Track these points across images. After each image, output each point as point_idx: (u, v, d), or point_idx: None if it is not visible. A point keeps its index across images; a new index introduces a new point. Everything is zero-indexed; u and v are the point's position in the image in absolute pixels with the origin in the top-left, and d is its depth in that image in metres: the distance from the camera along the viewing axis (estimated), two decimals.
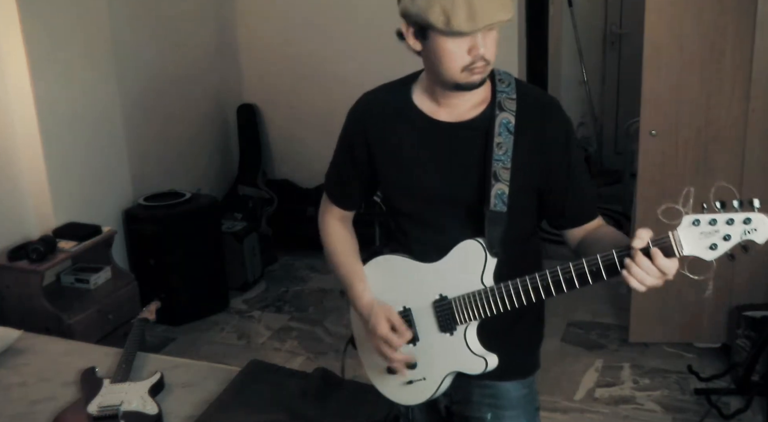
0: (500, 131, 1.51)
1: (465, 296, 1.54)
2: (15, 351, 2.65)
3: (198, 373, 2.47)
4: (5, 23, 3.29)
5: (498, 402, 1.68)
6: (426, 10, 1.39)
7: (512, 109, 1.53)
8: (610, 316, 3.81)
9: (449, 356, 1.59)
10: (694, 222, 1.30)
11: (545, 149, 1.54)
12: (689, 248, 1.31)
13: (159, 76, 4.29)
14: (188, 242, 3.94)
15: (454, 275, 1.56)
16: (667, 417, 3.04)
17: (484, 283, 1.53)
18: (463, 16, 1.37)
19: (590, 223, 1.62)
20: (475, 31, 1.39)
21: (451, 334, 1.57)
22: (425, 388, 1.64)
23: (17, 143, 3.45)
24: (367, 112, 1.67)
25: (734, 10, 3.05)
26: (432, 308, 1.59)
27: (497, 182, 1.51)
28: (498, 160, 1.51)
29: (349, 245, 1.80)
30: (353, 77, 4.67)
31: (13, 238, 3.43)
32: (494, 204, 1.51)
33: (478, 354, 1.56)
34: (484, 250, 1.53)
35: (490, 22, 1.39)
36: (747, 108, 3.15)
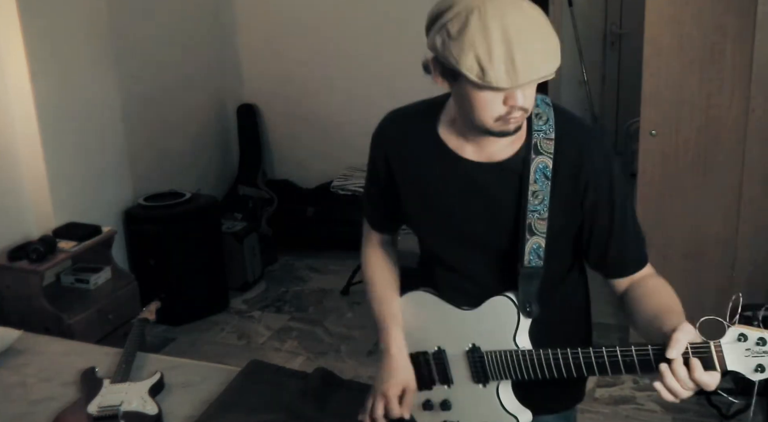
0: (536, 177, 1.36)
1: (498, 352, 1.44)
2: (15, 351, 2.65)
3: (198, 373, 2.47)
4: (5, 23, 3.29)
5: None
6: (459, 57, 1.22)
7: (550, 152, 1.36)
8: (610, 316, 3.81)
9: (481, 407, 1.51)
10: (741, 336, 1.17)
11: (586, 196, 1.39)
12: (733, 364, 1.18)
13: (159, 76, 4.29)
14: (188, 242, 3.94)
15: (488, 328, 1.46)
16: (667, 417, 3.04)
17: (517, 344, 1.42)
18: (501, 70, 1.19)
19: (636, 274, 1.46)
20: (515, 87, 1.22)
21: (484, 386, 1.49)
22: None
23: (17, 143, 3.45)
24: (390, 135, 1.53)
25: (734, 10, 3.05)
26: (465, 357, 1.49)
27: (533, 235, 1.37)
28: (534, 211, 1.36)
29: (388, 277, 1.64)
30: (353, 77, 4.69)
31: (13, 238, 3.43)
32: (529, 261, 1.38)
33: (510, 411, 1.48)
34: (516, 310, 1.42)
35: (534, 78, 1.22)
36: (747, 108, 3.15)
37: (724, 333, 1.18)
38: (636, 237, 1.46)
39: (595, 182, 1.38)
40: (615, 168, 1.41)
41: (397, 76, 4.45)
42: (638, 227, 1.47)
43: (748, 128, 3.18)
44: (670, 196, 3.31)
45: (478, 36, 1.19)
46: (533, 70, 1.20)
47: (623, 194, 1.42)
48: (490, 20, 1.19)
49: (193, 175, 4.59)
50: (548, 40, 1.22)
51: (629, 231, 1.44)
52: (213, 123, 4.87)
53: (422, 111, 1.50)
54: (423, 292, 1.58)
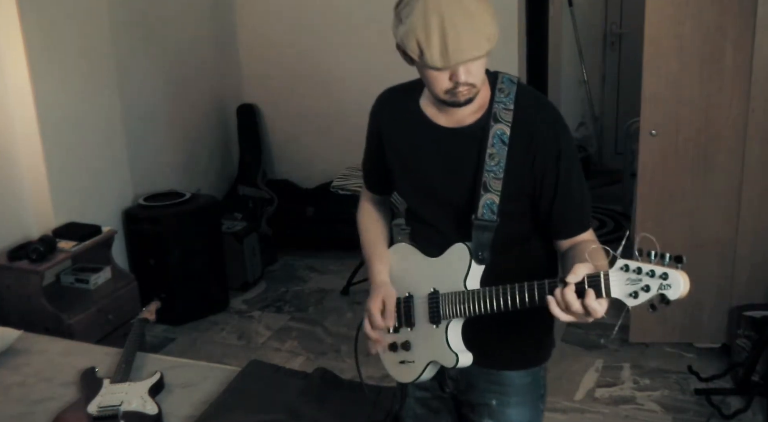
0: (494, 141, 1.55)
1: (450, 294, 1.60)
2: (15, 351, 2.65)
3: (198, 373, 2.47)
4: (5, 23, 3.29)
5: (502, 389, 1.74)
6: (404, 40, 1.45)
7: (508, 120, 1.55)
8: (610, 316, 3.80)
9: (432, 346, 1.66)
10: (623, 267, 1.32)
11: (536, 161, 1.55)
12: (616, 291, 1.33)
13: (159, 76, 4.29)
14: (188, 242, 3.94)
15: (445, 273, 1.63)
16: (667, 417, 3.04)
17: (466, 286, 1.58)
18: (436, 52, 1.41)
19: (576, 237, 1.62)
20: (447, 68, 1.43)
21: (437, 326, 1.64)
22: (412, 371, 1.72)
23: (17, 143, 3.45)
24: (381, 110, 1.76)
25: (734, 10, 3.05)
26: (426, 300, 1.66)
27: (487, 192, 1.55)
28: (489, 170, 1.55)
29: (377, 226, 1.87)
30: (353, 77, 4.69)
31: (13, 238, 3.44)
32: (482, 213, 1.55)
33: (453, 349, 1.62)
34: (469, 255, 1.58)
35: (462, 60, 1.42)
36: (747, 108, 3.15)
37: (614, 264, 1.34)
38: (580, 203, 1.62)
39: (543, 149, 1.55)
40: (564, 139, 1.58)
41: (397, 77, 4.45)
42: (584, 196, 1.63)
43: (748, 128, 3.18)
44: (670, 196, 3.31)
45: (420, 23, 1.42)
46: (462, 53, 1.41)
47: (570, 162, 1.58)
48: (430, 9, 1.40)
49: (193, 175, 4.59)
50: (479, 27, 1.41)
51: (573, 196, 1.60)
52: (213, 123, 4.87)
53: (410, 87, 1.71)
54: (405, 244, 1.78)
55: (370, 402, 2.22)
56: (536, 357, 1.78)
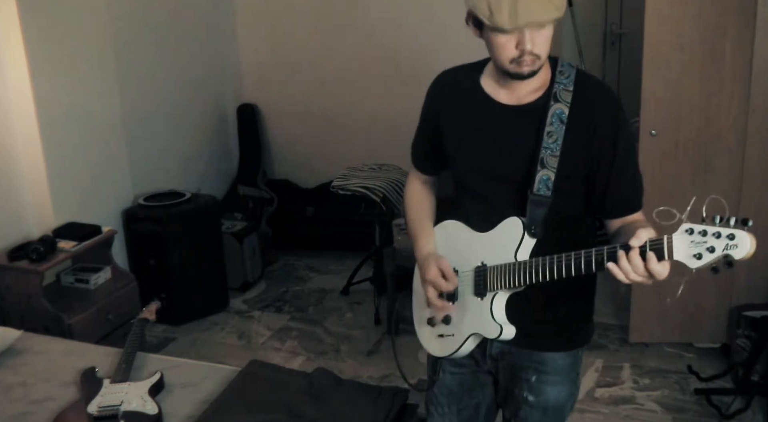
0: (552, 120, 1.60)
1: (498, 266, 1.64)
2: (15, 351, 2.65)
3: (198, 373, 2.47)
4: (5, 23, 3.29)
5: (543, 367, 1.79)
6: (475, 3, 1.50)
7: (567, 100, 1.60)
8: (610, 316, 3.81)
9: (475, 318, 1.70)
10: (688, 231, 1.35)
11: (594, 141, 1.60)
12: (678, 254, 1.36)
13: (159, 76, 4.29)
14: (188, 242, 3.94)
15: (496, 246, 1.67)
16: (667, 417, 3.04)
17: (516, 258, 1.62)
18: (505, 13, 1.46)
19: (628, 217, 1.66)
20: (515, 29, 1.48)
21: (482, 299, 1.68)
22: (451, 344, 1.76)
23: (17, 143, 3.45)
24: (439, 89, 1.80)
25: (734, 10, 3.05)
26: (473, 273, 1.71)
27: (543, 168, 1.60)
28: (547, 147, 1.60)
29: (424, 204, 1.93)
30: (353, 77, 4.69)
31: (13, 238, 3.44)
32: (538, 188, 1.60)
33: (497, 321, 1.66)
34: (523, 228, 1.62)
35: (530, 21, 1.47)
36: (747, 108, 3.15)
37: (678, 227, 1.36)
38: (633, 185, 1.68)
39: (602, 131, 1.61)
40: (623, 122, 1.64)
41: (397, 77, 4.46)
42: (638, 179, 1.69)
43: (748, 128, 3.18)
44: (670, 196, 3.30)
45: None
46: (531, 14, 1.46)
47: (627, 145, 1.64)
48: None
49: (193, 175, 4.59)
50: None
51: (628, 178, 1.66)
52: (213, 123, 4.87)
53: (470, 67, 1.77)
54: (450, 221, 1.83)
55: (370, 402, 2.22)
56: (579, 339, 1.84)
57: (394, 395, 2.23)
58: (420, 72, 1.64)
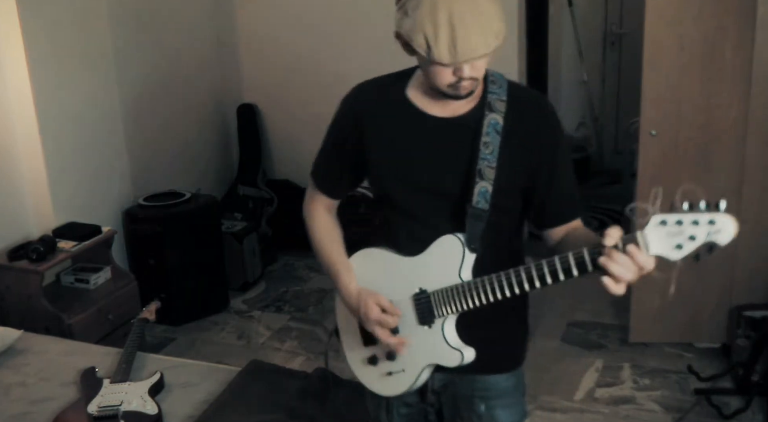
0: (488, 130, 1.54)
1: (443, 290, 1.56)
2: (15, 351, 2.66)
3: (198, 373, 2.47)
4: (5, 23, 3.29)
5: (488, 393, 1.72)
6: (410, 33, 1.42)
7: (501, 110, 1.55)
8: (610, 316, 3.81)
9: (428, 348, 1.61)
10: (662, 222, 1.31)
11: (532, 150, 1.56)
12: (656, 248, 1.31)
13: (159, 76, 4.29)
14: (188, 242, 3.94)
15: (434, 269, 1.59)
16: (667, 417, 3.04)
17: (461, 278, 1.54)
18: (444, 49, 1.39)
19: (569, 224, 1.64)
20: (455, 64, 1.42)
21: (430, 327, 1.60)
22: (404, 380, 1.67)
23: (17, 143, 3.45)
24: (362, 101, 1.70)
25: (734, 10, 3.05)
26: (412, 302, 1.62)
27: (481, 180, 1.54)
28: (484, 158, 1.54)
29: (335, 234, 1.83)
30: (353, 77, 4.66)
31: (13, 238, 3.44)
32: (476, 201, 1.54)
33: (454, 346, 1.58)
34: (462, 245, 1.55)
35: (471, 57, 1.40)
36: (747, 108, 3.15)
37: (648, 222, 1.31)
38: (571, 192, 1.65)
39: (540, 140, 1.57)
40: (559, 129, 1.61)
41: None
42: (576, 183, 1.66)
43: (748, 128, 3.18)
44: (670, 196, 3.30)
45: (428, 18, 1.39)
46: (471, 50, 1.39)
47: (565, 150, 1.63)
48: (440, 4, 1.38)
49: (193, 175, 4.59)
50: (487, 24, 1.39)
51: (569, 185, 1.63)
52: (213, 123, 4.87)
53: (392, 79, 1.68)
54: (371, 249, 1.72)
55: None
56: (519, 357, 1.78)
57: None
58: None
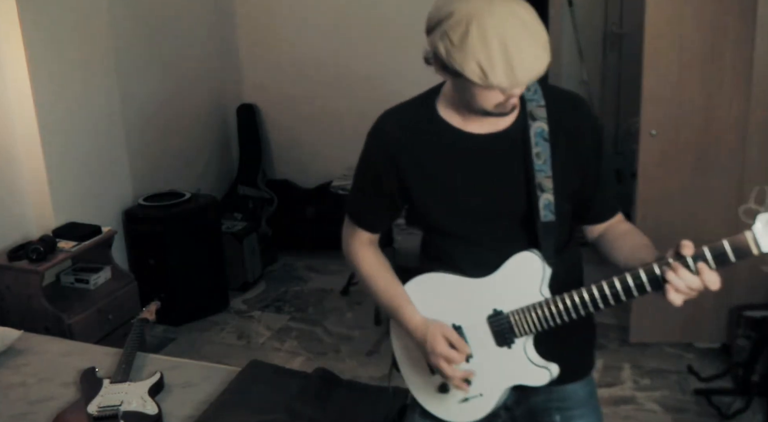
0: (537, 140, 1.50)
1: (523, 308, 1.51)
2: (15, 351, 2.65)
3: (198, 373, 2.47)
4: (5, 24, 3.29)
5: (565, 404, 1.67)
6: (462, 63, 1.34)
7: (543, 116, 1.51)
8: (610, 316, 3.81)
9: (509, 370, 1.56)
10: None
11: (579, 150, 1.54)
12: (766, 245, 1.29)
13: (159, 76, 4.29)
14: (188, 242, 3.94)
15: (510, 288, 1.53)
16: (667, 417, 3.04)
17: (543, 294, 1.50)
18: (500, 73, 1.33)
19: (612, 219, 1.64)
20: (513, 88, 1.37)
21: (510, 348, 1.55)
22: (483, 404, 1.61)
23: (17, 143, 3.45)
24: (392, 133, 1.58)
25: (734, 10, 3.06)
26: (487, 324, 1.56)
27: (543, 192, 1.50)
28: (540, 170, 1.49)
29: (385, 268, 1.73)
30: (353, 77, 4.69)
31: (13, 238, 3.44)
32: (544, 215, 1.50)
33: (539, 365, 1.54)
34: (542, 261, 1.50)
35: (530, 77, 1.35)
36: (747, 108, 3.16)
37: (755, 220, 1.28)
38: (613, 188, 1.65)
39: (585, 140, 1.55)
40: (598, 126, 1.60)
41: (397, 76, 4.45)
42: (613, 180, 1.67)
43: (748, 128, 3.18)
44: (670, 196, 3.31)
45: (479, 45, 1.32)
46: (529, 71, 1.34)
47: (603, 147, 1.61)
48: (489, 30, 1.32)
49: (193, 175, 4.59)
50: (539, 42, 1.35)
51: (610, 182, 1.63)
52: (213, 123, 4.87)
53: (418, 102, 1.60)
54: (428, 275, 1.64)
55: (370, 402, 2.22)
56: (590, 363, 1.75)
57: (394, 395, 2.23)
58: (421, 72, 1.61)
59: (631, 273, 1.38)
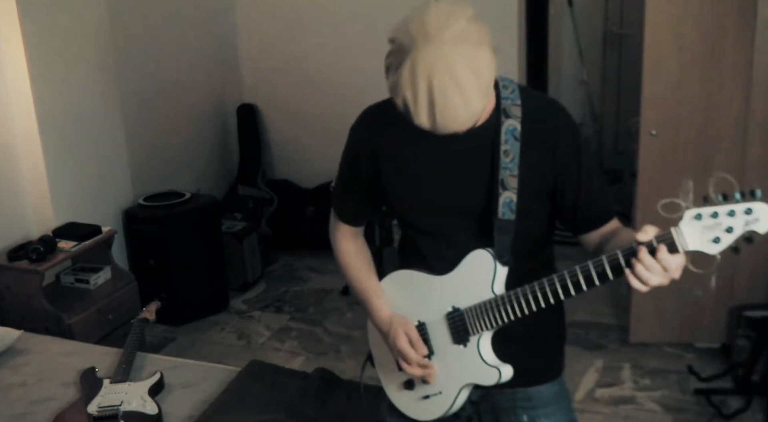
0: (507, 138, 1.48)
1: (476, 306, 1.52)
2: (15, 351, 2.65)
3: (198, 373, 2.47)
4: (5, 24, 3.29)
5: (530, 403, 1.67)
6: (393, 91, 1.37)
7: (518, 115, 1.49)
8: (610, 316, 3.81)
9: (464, 368, 1.57)
10: (696, 216, 1.26)
11: (553, 152, 1.50)
12: (693, 243, 1.28)
13: (159, 76, 4.29)
14: (188, 242, 3.94)
15: (465, 286, 1.55)
16: (667, 417, 3.04)
17: (494, 292, 1.51)
18: (423, 117, 1.33)
19: (605, 226, 1.58)
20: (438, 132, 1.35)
21: (465, 346, 1.56)
22: (442, 402, 1.63)
23: (17, 143, 3.45)
24: (372, 126, 1.64)
25: (734, 10, 3.05)
26: (445, 321, 1.58)
27: (505, 190, 1.48)
28: (505, 168, 1.48)
29: (363, 260, 1.76)
30: (353, 77, 4.68)
31: (13, 238, 3.44)
32: (502, 213, 1.48)
33: (491, 364, 1.54)
34: (493, 259, 1.50)
35: (452, 129, 1.34)
36: (747, 108, 3.15)
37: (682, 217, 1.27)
38: (603, 194, 1.59)
39: (562, 143, 1.51)
40: (578, 132, 1.55)
41: None
42: (604, 185, 1.60)
43: (748, 127, 3.18)
44: (671, 196, 3.30)
45: (408, 82, 1.32)
46: (452, 122, 1.32)
47: (588, 155, 1.56)
48: (418, 71, 1.30)
49: (193, 175, 4.59)
50: (465, 94, 1.30)
51: (596, 188, 1.56)
52: (213, 123, 4.87)
53: None
54: (399, 271, 1.68)
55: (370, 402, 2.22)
56: (558, 367, 1.74)
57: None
58: None
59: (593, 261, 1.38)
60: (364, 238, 1.81)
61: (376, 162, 1.61)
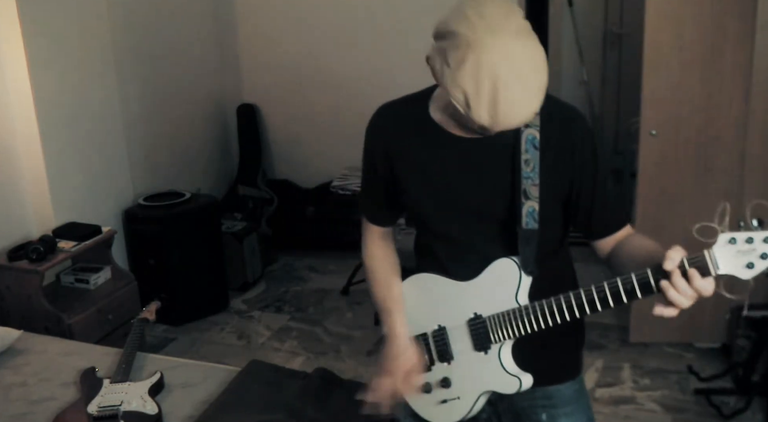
0: (527, 147, 1.48)
1: (499, 315, 1.52)
2: (15, 351, 2.65)
3: (198, 373, 2.47)
4: (5, 23, 3.29)
5: (550, 401, 1.66)
6: (450, 87, 1.31)
7: (536, 124, 1.48)
8: (610, 316, 3.81)
9: (484, 375, 1.57)
10: (731, 240, 1.26)
11: (572, 161, 1.50)
12: (725, 267, 1.27)
13: (159, 76, 4.29)
14: (188, 242, 3.94)
15: (489, 293, 1.54)
16: (667, 417, 3.04)
17: (518, 302, 1.50)
18: (485, 113, 1.29)
19: (619, 232, 1.57)
20: (495, 128, 1.32)
21: (486, 353, 1.56)
22: (460, 407, 1.62)
23: (17, 143, 3.45)
24: (385, 126, 1.61)
25: (734, 10, 3.05)
26: (467, 327, 1.57)
27: (528, 199, 1.48)
28: (527, 177, 1.48)
29: (387, 266, 1.74)
30: (353, 77, 4.69)
31: (13, 238, 3.44)
32: (526, 223, 1.48)
33: (512, 373, 1.54)
34: (518, 269, 1.50)
35: (512, 125, 1.32)
36: (747, 108, 3.15)
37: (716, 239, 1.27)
38: (615, 200, 1.59)
39: (580, 150, 1.51)
40: (593, 137, 1.55)
41: (398, 76, 4.46)
42: (619, 193, 1.61)
43: (748, 128, 3.18)
44: (670, 196, 3.31)
45: (470, 77, 1.28)
46: (512, 118, 1.31)
47: (601, 160, 1.55)
48: (484, 66, 1.27)
49: (193, 175, 4.59)
50: (531, 90, 1.30)
51: (610, 194, 1.56)
52: (213, 123, 4.87)
53: (412, 100, 1.59)
54: (422, 274, 1.66)
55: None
56: (577, 366, 1.73)
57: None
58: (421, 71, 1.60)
59: (621, 278, 1.37)
60: (392, 239, 1.79)
61: (391, 162, 1.60)
